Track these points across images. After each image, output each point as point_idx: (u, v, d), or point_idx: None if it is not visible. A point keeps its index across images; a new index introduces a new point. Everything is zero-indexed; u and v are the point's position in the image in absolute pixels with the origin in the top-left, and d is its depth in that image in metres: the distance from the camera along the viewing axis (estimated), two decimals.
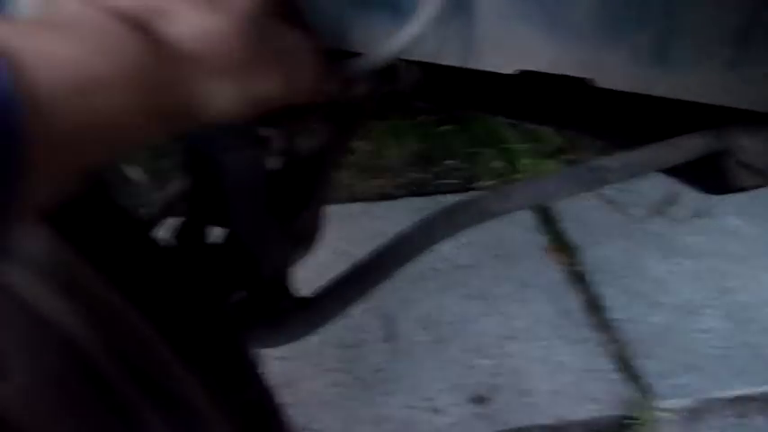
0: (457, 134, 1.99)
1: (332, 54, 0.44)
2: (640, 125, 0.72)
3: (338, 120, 0.78)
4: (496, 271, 1.56)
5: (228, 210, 0.59)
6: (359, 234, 1.62)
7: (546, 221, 1.71)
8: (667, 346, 1.39)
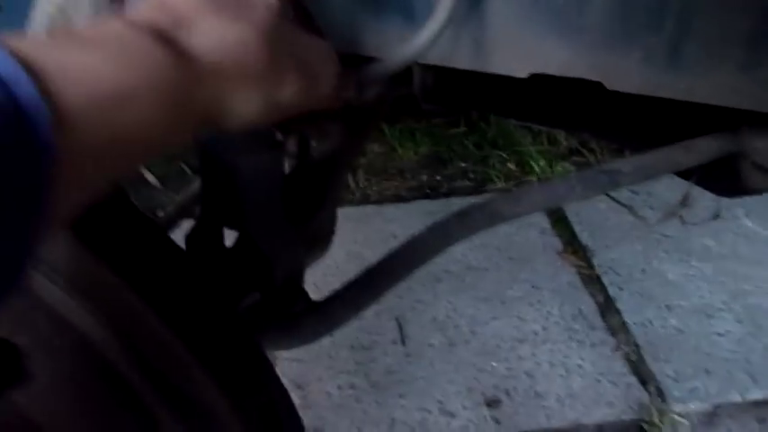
0: (469, 137, 1.99)
1: (345, 58, 0.44)
2: (653, 127, 0.72)
3: (351, 123, 0.78)
4: (510, 273, 1.56)
5: (243, 212, 0.60)
6: (372, 236, 1.63)
7: (559, 224, 1.70)
8: (682, 350, 1.38)
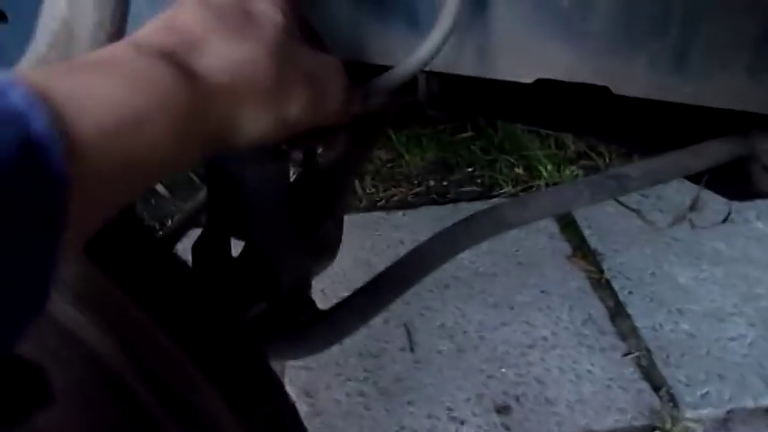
0: (476, 141, 1.99)
1: (350, 68, 0.44)
2: (662, 131, 0.72)
3: (357, 131, 0.78)
4: (518, 279, 1.55)
5: (249, 222, 0.59)
6: (379, 242, 1.63)
7: (568, 228, 1.69)
8: (694, 354, 1.37)
